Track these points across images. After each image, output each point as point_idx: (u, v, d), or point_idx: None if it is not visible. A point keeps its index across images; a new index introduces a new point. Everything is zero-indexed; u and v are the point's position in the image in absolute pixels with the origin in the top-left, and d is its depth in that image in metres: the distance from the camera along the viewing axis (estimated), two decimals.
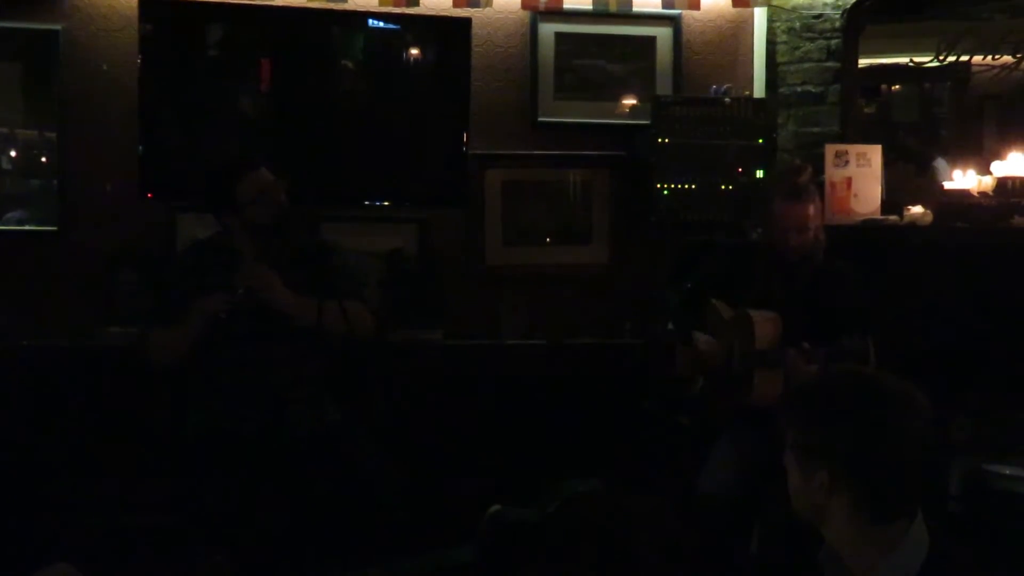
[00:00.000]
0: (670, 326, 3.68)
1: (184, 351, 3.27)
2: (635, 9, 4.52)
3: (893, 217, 4.40)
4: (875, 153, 4.46)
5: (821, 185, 4.25)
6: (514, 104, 4.57)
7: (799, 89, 4.60)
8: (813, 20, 4.57)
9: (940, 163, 5.42)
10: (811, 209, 3.49)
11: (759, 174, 4.34)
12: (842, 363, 3.10)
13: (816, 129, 4.57)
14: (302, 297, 3.26)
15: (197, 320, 3.19)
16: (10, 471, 3.78)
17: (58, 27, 4.18)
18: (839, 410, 1.76)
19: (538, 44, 4.55)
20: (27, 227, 4.21)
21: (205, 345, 3.28)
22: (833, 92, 4.55)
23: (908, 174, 5.25)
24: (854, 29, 4.60)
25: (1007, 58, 5.84)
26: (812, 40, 4.57)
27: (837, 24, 4.54)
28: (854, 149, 4.46)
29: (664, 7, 4.51)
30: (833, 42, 4.55)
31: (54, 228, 4.20)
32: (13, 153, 4.20)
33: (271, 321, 3.27)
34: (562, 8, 4.47)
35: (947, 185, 4.63)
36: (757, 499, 3.26)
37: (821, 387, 1.85)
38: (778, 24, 4.62)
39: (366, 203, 4.41)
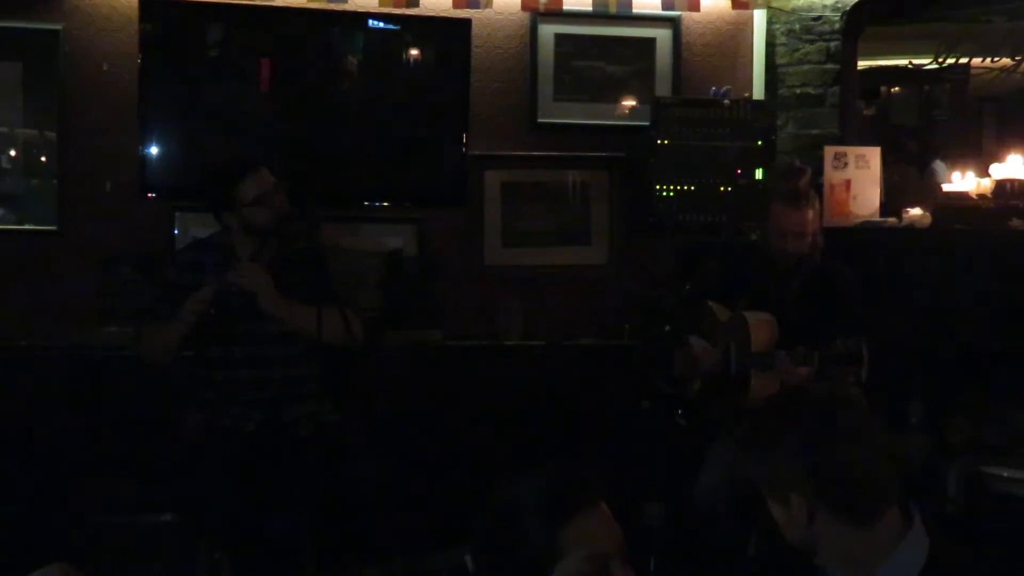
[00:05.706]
0: (667, 328, 3.68)
1: (174, 348, 3.28)
2: (635, 10, 4.52)
3: (892, 219, 4.40)
4: (874, 155, 4.47)
5: (820, 187, 4.25)
6: (513, 105, 4.57)
7: (798, 91, 4.60)
8: (812, 22, 4.57)
9: (939, 165, 5.43)
10: (810, 214, 3.48)
11: (758, 176, 4.33)
12: (834, 369, 3.11)
13: (815, 131, 4.57)
14: (290, 301, 3.26)
15: (185, 317, 3.19)
16: (10, 471, 3.78)
17: (59, 27, 4.18)
18: (784, 436, 1.81)
19: (538, 45, 4.55)
20: (27, 226, 4.21)
21: (204, 345, 3.29)
22: (832, 94, 4.56)
23: (911, 176, 5.26)
24: (853, 31, 4.61)
25: (1006, 60, 5.86)
26: (811, 42, 4.58)
27: (836, 26, 4.54)
28: (853, 151, 4.46)
29: (664, 8, 4.51)
30: (832, 44, 4.56)
31: (54, 227, 4.20)
32: (13, 152, 4.20)
33: (268, 322, 3.27)
34: (562, 9, 4.47)
35: (946, 187, 4.65)
36: (754, 502, 3.26)
37: (761, 423, 1.90)
38: (777, 26, 4.63)
39: (365, 203, 4.42)
